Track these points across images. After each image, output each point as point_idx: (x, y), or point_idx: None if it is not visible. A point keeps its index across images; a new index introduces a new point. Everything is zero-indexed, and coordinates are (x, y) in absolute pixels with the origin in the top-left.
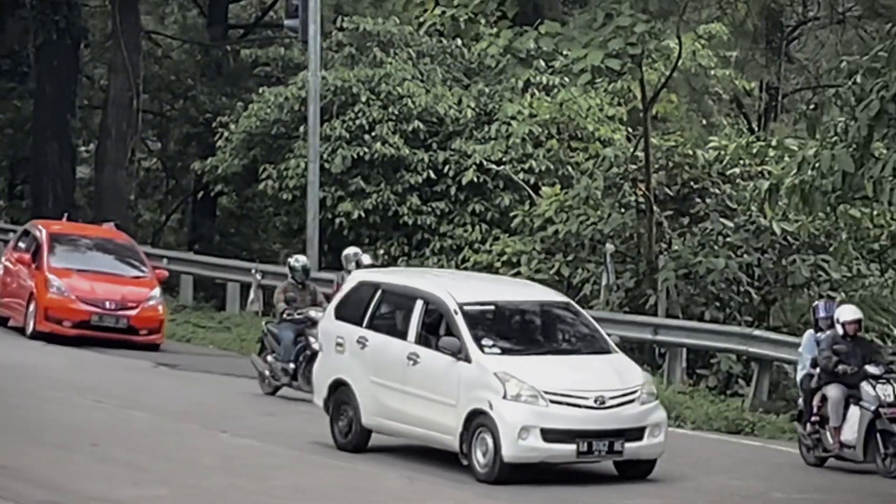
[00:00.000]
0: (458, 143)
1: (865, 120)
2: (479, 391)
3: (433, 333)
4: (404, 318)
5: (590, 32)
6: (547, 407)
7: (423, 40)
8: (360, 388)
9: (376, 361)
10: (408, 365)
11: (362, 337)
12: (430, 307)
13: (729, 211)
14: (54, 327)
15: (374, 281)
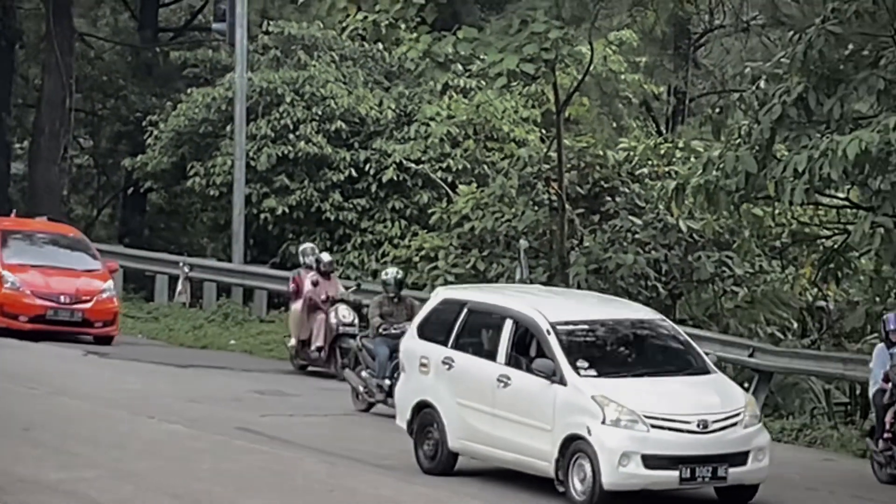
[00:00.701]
0: (378, 143)
1: (768, 123)
2: (576, 416)
3: (523, 354)
4: (493, 338)
5: (506, 38)
6: (648, 432)
7: (345, 44)
8: (447, 411)
9: (463, 383)
10: (498, 387)
11: (448, 357)
12: (520, 327)
13: (637, 209)
14: (10, 322)
15: (460, 299)
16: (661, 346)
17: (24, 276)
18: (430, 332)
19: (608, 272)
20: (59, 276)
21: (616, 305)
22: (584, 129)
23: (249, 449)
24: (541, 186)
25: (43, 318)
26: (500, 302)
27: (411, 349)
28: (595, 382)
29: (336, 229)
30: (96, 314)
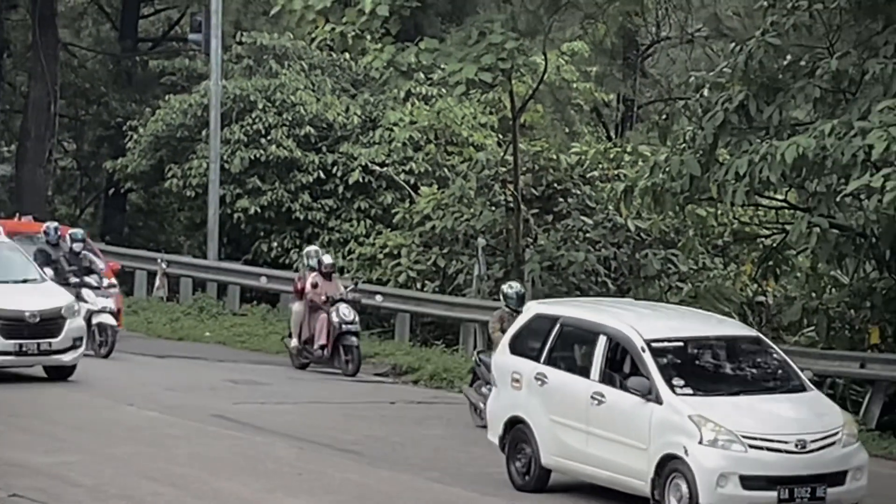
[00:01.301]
0: (345, 147)
1: (711, 129)
2: (673, 435)
3: (618, 371)
4: (586, 355)
5: (465, 48)
6: (746, 452)
7: (314, 54)
8: (540, 427)
9: (557, 399)
10: (591, 404)
11: (541, 373)
12: (614, 343)
13: (588, 209)
14: None
15: (552, 314)
16: (757, 363)
17: None
18: (523, 347)
19: (561, 269)
20: None
21: (711, 321)
22: (539, 134)
23: (223, 435)
24: (498, 188)
25: None
26: (594, 318)
27: (503, 364)
28: (691, 401)
29: (305, 228)
30: None
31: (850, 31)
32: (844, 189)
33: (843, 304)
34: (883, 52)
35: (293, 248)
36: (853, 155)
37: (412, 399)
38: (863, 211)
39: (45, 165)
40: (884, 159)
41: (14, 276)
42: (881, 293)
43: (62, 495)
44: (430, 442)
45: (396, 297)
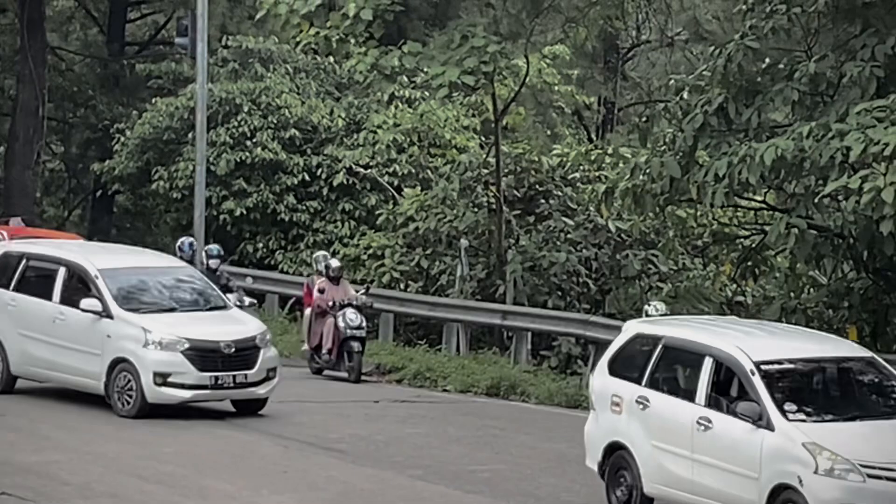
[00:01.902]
0: (329, 149)
1: (690, 131)
2: (786, 464)
3: (725, 395)
4: (690, 377)
5: (447, 52)
6: (864, 482)
7: (299, 57)
8: (641, 454)
9: (659, 425)
10: (697, 430)
11: (642, 397)
12: (720, 366)
13: (570, 211)
14: None
15: (654, 334)
16: (873, 386)
17: None
18: (622, 369)
19: (543, 269)
20: None
21: (822, 341)
22: (521, 136)
23: (211, 433)
24: (480, 190)
25: None
26: (698, 338)
27: (602, 387)
28: (805, 428)
29: (290, 229)
30: None
31: (828, 34)
32: (822, 190)
33: (821, 304)
34: (860, 56)
35: (278, 249)
36: (831, 157)
37: (395, 398)
38: (840, 212)
39: (34, 167)
40: (861, 161)
41: (201, 304)
42: (859, 293)
43: (51, 493)
44: (413, 440)
45: (380, 297)
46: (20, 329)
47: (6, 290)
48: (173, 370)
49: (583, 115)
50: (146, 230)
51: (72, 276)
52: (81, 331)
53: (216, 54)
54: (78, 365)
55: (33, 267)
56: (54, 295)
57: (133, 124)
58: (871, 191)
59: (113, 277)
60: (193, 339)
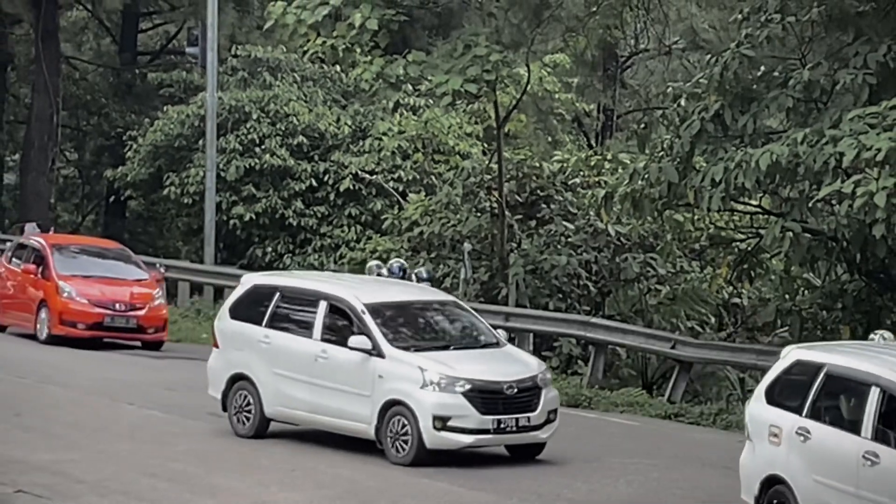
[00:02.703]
0: (336, 156)
1: (688, 137)
2: None
3: (891, 428)
4: (855, 408)
5: (451, 61)
6: None
7: (306, 66)
8: (803, 490)
9: (822, 458)
10: (864, 465)
11: (803, 428)
12: (888, 396)
13: (570, 215)
14: (69, 330)
15: (815, 361)
16: None
17: (80, 287)
18: (781, 397)
19: (544, 272)
20: (112, 286)
21: None
22: (522, 142)
23: (219, 432)
24: (483, 195)
25: (100, 325)
26: (864, 366)
27: (759, 415)
28: None
29: (298, 234)
30: (149, 321)
31: (822, 43)
32: (816, 195)
33: (815, 306)
34: (853, 64)
35: (287, 253)
36: (825, 162)
37: None
38: (834, 216)
39: (48, 174)
40: (854, 166)
41: (473, 340)
42: (852, 295)
43: (65, 491)
44: None
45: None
46: (275, 368)
47: (258, 325)
48: (454, 413)
49: (582, 121)
50: (158, 234)
51: (334, 311)
52: (348, 371)
53: (226, 63)
54: (344, 407)
55: (288, 301)
56: (315, 332)
57: (145, 132)
58: (864, 195)
59: (380, 313)
60: (474, 380)
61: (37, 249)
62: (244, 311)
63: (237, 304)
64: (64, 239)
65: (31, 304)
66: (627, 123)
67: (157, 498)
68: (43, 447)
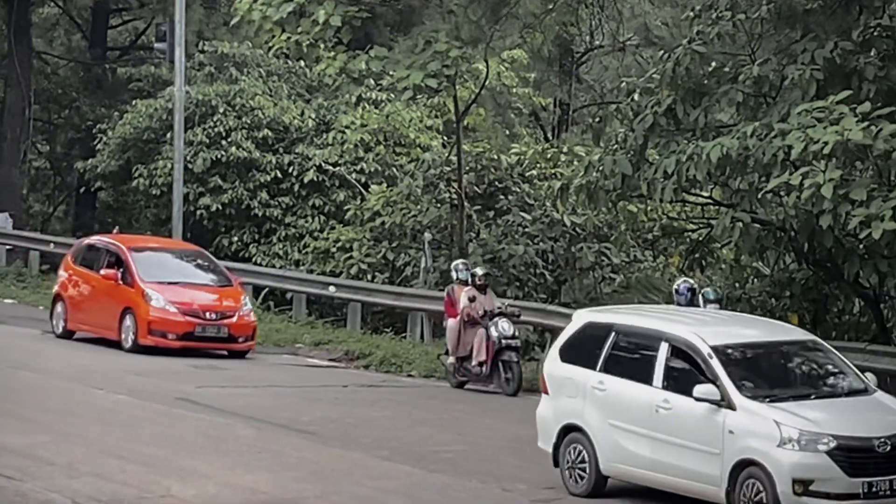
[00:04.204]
0: (300, 148)
1: (641, 131)
2: None
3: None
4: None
5: (412, 56)
6: None
7: (271, 61)
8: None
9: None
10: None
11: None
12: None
13: (527, 206)
14: (158, 341)
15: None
16: None
17: (169, 294)
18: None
19: (502, 261)
20: (199, 293)
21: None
22: (481, 135)
23: (186, 416)
24: (443, 186)
25: (192, 335)
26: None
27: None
28: None
29: (263, 224)
30: (239, 329)
31: (771, 39)
32: (765, 186)
33: (764, 294)
34: (801, 59)
35: (252, 243)
36: (773, 155)
37: (363, 383)
38: (782, 207)
39: (21, 166)
40: (802, 159)
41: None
42: (799, 283)
43: (37, 473)
44: (381, 423)
45: (348, 287)
46: (611, 419)
47: (592, 370)
48: (817, 475)
49: (539, 115)
50: (127, 225)
51: (677, 354)
52: (694, 424)
53: (193, 59)
54: (689, 466)
55: (625, 341)
56: (654, 378)
57: (115, 125)
58: (812, 187)
59: (730, 356)
60: (840, 436)
61: (113, 252)
62: (576, 352)
63: (568, 344)
64: (139, 240)
65: (111, 311)
66: (583, 117)
67: (126, 479)
68: (15, 430)
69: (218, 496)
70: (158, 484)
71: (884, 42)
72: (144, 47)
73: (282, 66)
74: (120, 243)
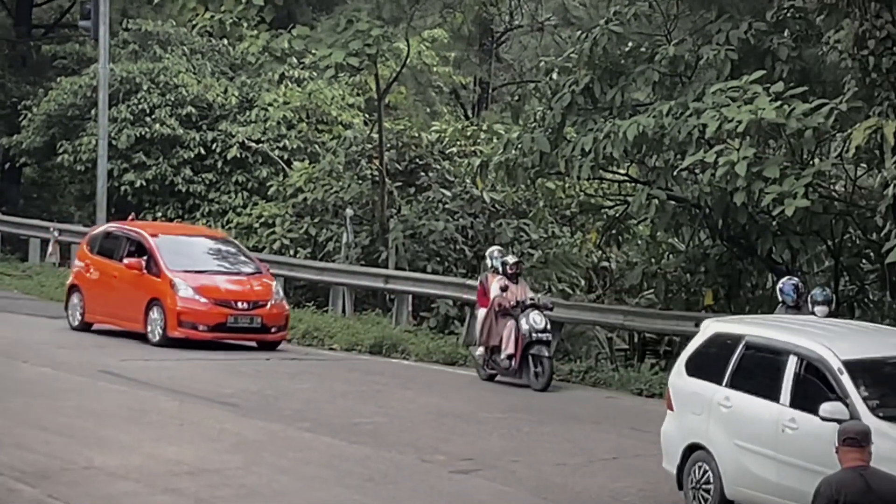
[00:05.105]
0: (224, 125)
1: (559, 109)
2: None
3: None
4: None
5: (334, 35)
6: None
7: (195, 40)
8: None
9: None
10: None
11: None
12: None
13: (448, 183)
14: (189, 332)
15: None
16: None
17: (197, 283)
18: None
19: (422, 237)
20: (229, 282)
21: None
22: (402, 113)
23: (110, 389)
24: (364, 163)
25: (224, 326)
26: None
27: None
28: None
29: (187, 200)
30: (272, 319)
31: (686, 20)
32: (681, 164)
33: (679, 269)
34: (715, 40)
35: (176, 218)
36: (689, 133)
37: (286, 356)
38: (697, 184)
39: None
40: (716, 137)
41: None
42: (714, 259)
43: None
44: (302, 395)
45: (271, 262)
46: (737, 439)
47: (718, 385)
48: None
49: (459, 94)
50: (52, 200)
51: (805, 368)
52: (821, 446)
53: (117, 36)
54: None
55: (753, 354)
56: (782, 394)
57: (40, 101)
58: (726, 164)
59: (863, 372)
60: None
61: (134, 240)
62: (703, 365)
63: (694, 356)
64: (159, 227)
65: (135, 302)
66: (502, 96)
67: (50, 451)
68: None
69: (141, 467)
70: (82, 455)
71: (797, 23)
72: (69, 25)
73: (205, 44)
74: (141, 230)
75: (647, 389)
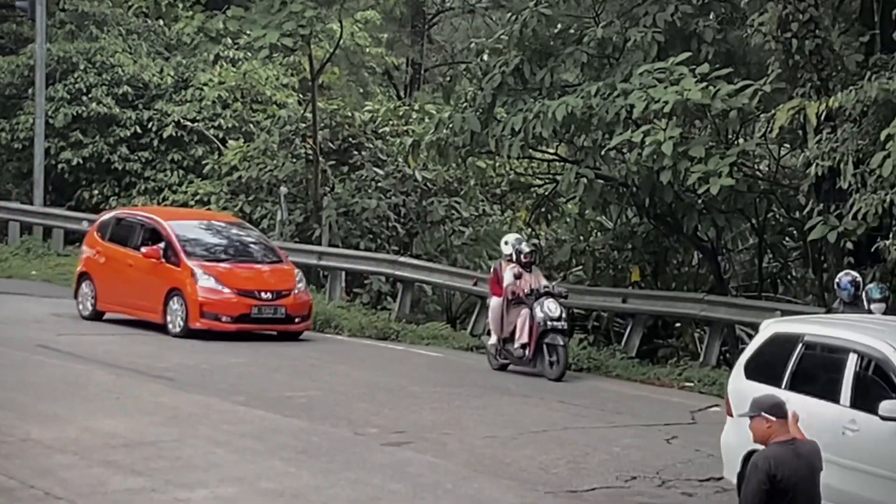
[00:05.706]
0: (160, 105)
1: (489, 90)
2: None
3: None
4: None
5: (268, 16)
6: None
7: (131, 20)
8: None
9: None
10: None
11: None
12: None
13: (380, 161)
14: (212, 324)
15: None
16: None
17: (219, 272)
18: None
19: (355, 214)
20: (251, 271)
21: None
22: (335, 93)
23: (48, 363)
24: (298, 142)
25: (248, 317)
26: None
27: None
28: None
29: (123, 178)
30: (296, 309)
31: (614, 2)
32: (609, 144)
33: (607, 246)
34: (643, 22)
35: (112, 196)
36: (616, 113)
37: None
38: (625, 163)
39: None
40: (643, 117)
41: None
42: (641, 236)
43: None
44: (236, 369)
45: None
46: None
47: (777, 388)
48: None
49: (392, 74)
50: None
51: (867, 367)
52: (882, 448)
53: (54, 17)
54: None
55: (813, 354)
56: (842, 395)
57: None
58: (652, 144)
59: None
60: None
61: (149, 227)
62: (762, 367)
63: (753, 358)
64: (174, 213)
65: (154, 292)
66: (434, 77)
67: None
68: None
69: (78, 440)
70: (19, 428)
71: (722, 6)
72: (6, 5)
73: (141, 24)
74: (156, 216)
75: (575, 364)
